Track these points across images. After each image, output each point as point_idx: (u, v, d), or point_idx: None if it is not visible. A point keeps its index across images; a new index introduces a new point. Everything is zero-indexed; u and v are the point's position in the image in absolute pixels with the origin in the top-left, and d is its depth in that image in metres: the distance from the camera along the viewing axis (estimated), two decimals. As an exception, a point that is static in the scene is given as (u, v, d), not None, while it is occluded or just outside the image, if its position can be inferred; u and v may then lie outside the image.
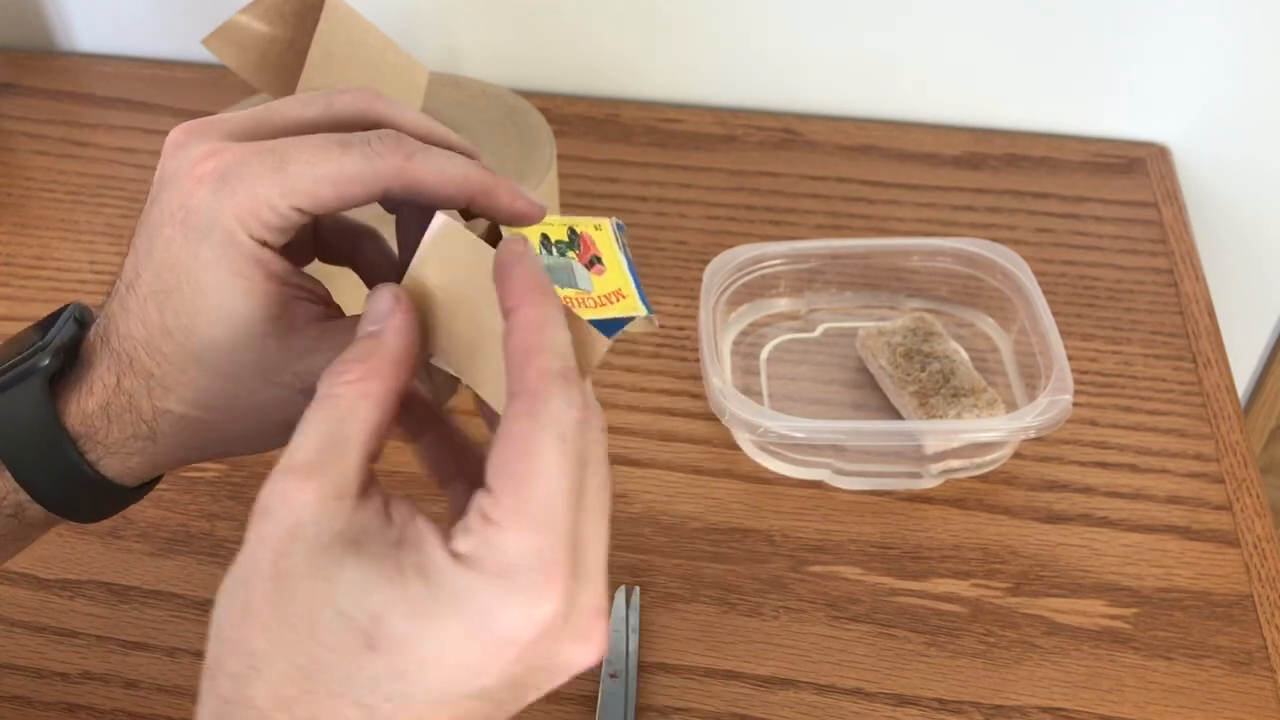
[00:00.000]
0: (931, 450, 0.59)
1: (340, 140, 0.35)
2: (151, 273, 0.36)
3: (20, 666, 0.54)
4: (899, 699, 0.53)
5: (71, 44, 0.97)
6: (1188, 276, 0.74)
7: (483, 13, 0.88)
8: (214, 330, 0.35)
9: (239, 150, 0.35)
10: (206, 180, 0.35)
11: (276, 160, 0.34)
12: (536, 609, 0.29)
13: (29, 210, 0.80)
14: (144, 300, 0.36)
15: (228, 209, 0.34)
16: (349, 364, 0.32)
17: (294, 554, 0.30)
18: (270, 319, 0.36)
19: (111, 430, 0.37)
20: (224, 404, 0.37)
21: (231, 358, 0.36)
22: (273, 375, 0.36)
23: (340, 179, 0.35)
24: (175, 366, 0.36)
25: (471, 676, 0.29)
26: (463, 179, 0.36)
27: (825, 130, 0.86)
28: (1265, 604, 0.56)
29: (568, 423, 0.30)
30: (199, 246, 0.35)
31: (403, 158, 0.35)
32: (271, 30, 0.65)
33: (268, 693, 0.29)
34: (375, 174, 0.35)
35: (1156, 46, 0.81)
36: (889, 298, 0.71)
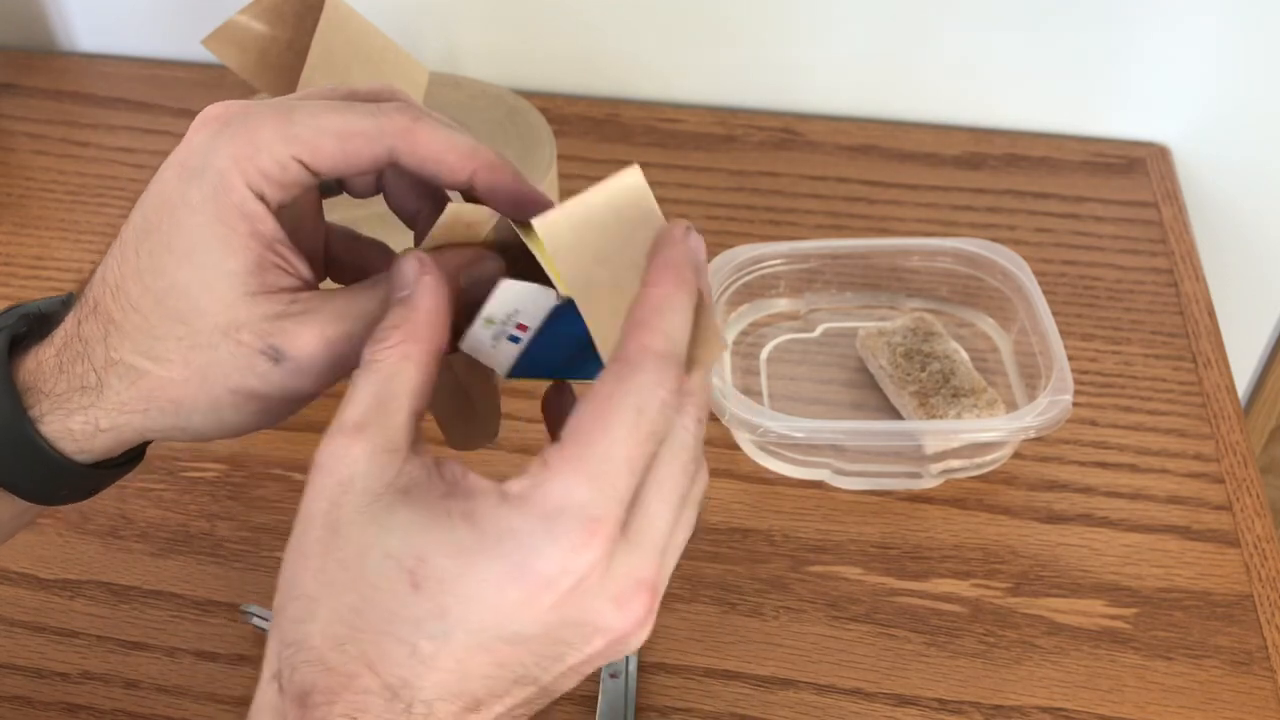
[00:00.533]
0: (931, 450, 0.59)
1: (347, 95, 0.36)
2: (140, 214, 0.36)
3: (20, 666, 0.54)
4: (899, 699, 0.53)
5: (71, 44, 0.97)
6: (1188, 276, 0.74)
7: (483, 13, 0.88)
8: (183, 271, 0.35)
9: (248, 102, 0.36)
10: (211, 123, 0.35)
11: (283, 109, 0.35)
12: (575, 556, 0.30)
13: (29, 210, 0.80)
14: (125, 243, 0.36)
15: (225, 150, 0.35)
16: (387, 330, 0.33)
17: (345, 504, 0.31)
18: (243, 274, 0.35)
19: (60, 380, 0.37)
20: (178, 358, 0.36)
21: (194, 304, 0.35)
22: (233, 331, 0.35)
23: (345, 131, 0.35)
24: (137, 311, 0.36)
25: (508, 618, 0.30)
26: (470, 149, 0.36)
27: (825, 130, 0.86)
28: (1265, 604, 0.56)
29: (650, 398, 0.31)
30: (189, 186, 0.35)
31: (409, 119, 0.35)
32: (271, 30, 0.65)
33: (322, 632, 0.31)
34: (380, 130, 0.35)
35: (1156, 46, 0.81)
36: (889, 298, 0.71)
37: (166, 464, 0.62)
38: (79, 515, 0.60)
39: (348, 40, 0.64)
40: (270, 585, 0.58)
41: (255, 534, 0.59)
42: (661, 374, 0.31)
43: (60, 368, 0.37)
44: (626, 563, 0.31)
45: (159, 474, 0.62)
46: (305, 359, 0.35)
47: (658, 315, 0.32)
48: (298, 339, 0.35)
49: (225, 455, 0.63)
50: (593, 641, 0.32)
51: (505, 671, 0.31)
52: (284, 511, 0.60)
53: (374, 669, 0.30)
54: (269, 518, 0.60)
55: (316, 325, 0.35)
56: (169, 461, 0.63)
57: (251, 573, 0.57)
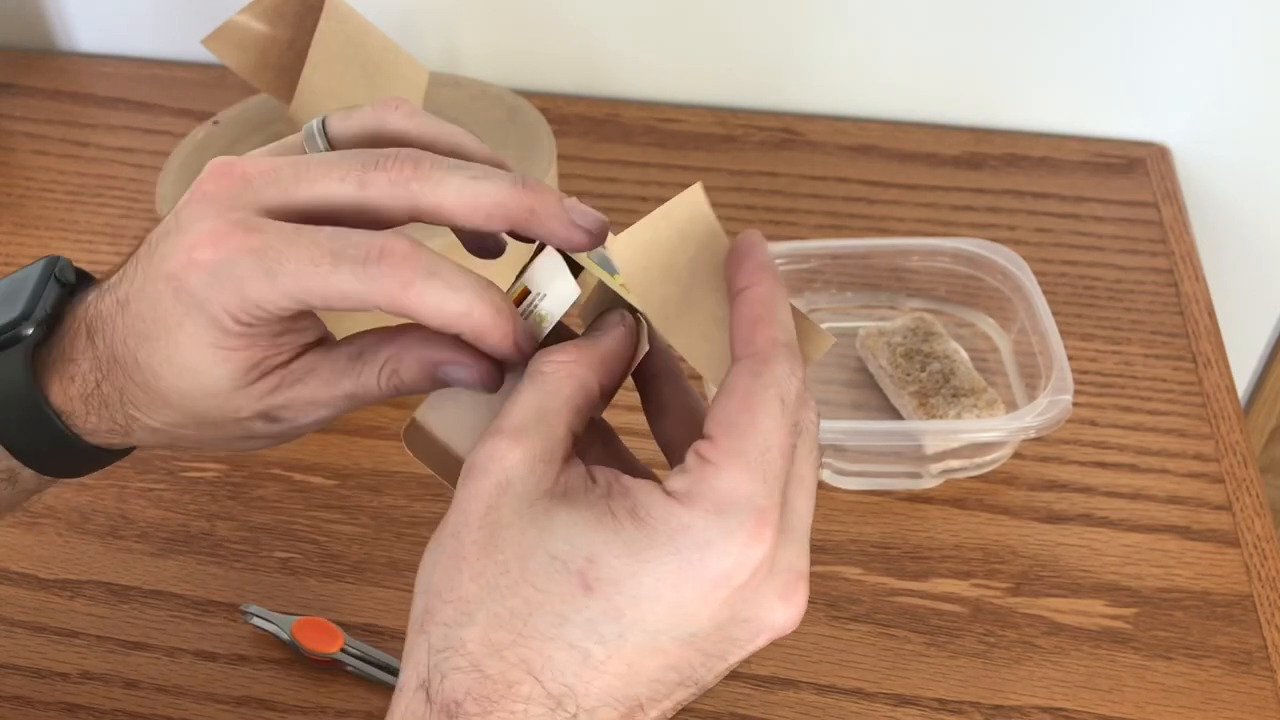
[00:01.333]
0: (931, 450, 0.59)
1: (335, 253, 0.33)
2: (136, 312, 0.36)
3: (20, 666, 0.54)
4: (899, 699, 0.53)
5: (71, 44, 0.97)
6: (1188, 276, 0.74)
7: (483, 13, 0.88)
8: (182, 383, 0.36)
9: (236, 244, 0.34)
10: (201, 270, 0.34)
11: (265, 268, 0.33)
12: (750, 550, 0.30)
13: (29, 210, 0.80)
14: (128, 328, 0.37)
15: (216, 302, 0.34)
16: (565, 348, 0.34)
17: (503, 506, 0.31)
18: (239, 376, 0.36)
19: (89, 419, 0.38)
20: (192, 426, 0.38)
21: (196, 403, 0.37)
22: (235, 414, 0.37)
23: (327, 296, 0.34)
24: (145, 395, 0.37)
25: (684, 617, 0.30)
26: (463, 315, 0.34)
27: (825, 130, 0.86)
28: (1265, 604, 0.56)
29: (789, 388, 0.31)
30: (184, 318, 0.35)
31: (398, 287, 0.33)
32: (271, 30, 0.65)
33: (480, 637, 0.30)
34: (364, 299, 0.34)
35: (1156, 46, 0.81)
36: (889, 298, 0.71)
37: (166, 464, 0.62)
38: (79, 515, 0.60)
39: (348, 40, 0.64)
40: (270, 584, 0.59)
41: (255, 534, 0.59)
42: (792, 364, 0.32)
43: (88, 412, 0.38)
44: (786, 555, 0.31)
45: (159, 474, 0.62)
46: (298, 420, 0.38)
47: (771, 310, 0.33)
48: (289, 408, 0.37)
49: (225, 455, 0.63)
50: (757, 639, 0.32)
51: (673, 674, 0.31)
52: (284, 511, 0.60)
53: (537, 676, 0.30)
54: (269, 518, 0.60)
55: (305, 394, 0.37)
56: (169, 461, 0.63)
57: (251, 573, 0.57)
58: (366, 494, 0.61)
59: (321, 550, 0.58)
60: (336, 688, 0.53)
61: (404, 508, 0.60)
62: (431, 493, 0.61)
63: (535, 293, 0.37)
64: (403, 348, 0.37)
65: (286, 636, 0.53)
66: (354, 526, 0.59)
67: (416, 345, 0.36)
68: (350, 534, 0.59)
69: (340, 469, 0.62)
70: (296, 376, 0.37)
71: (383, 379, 0.37)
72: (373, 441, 0.63)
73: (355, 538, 0.59)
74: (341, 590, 0.57)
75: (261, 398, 0.37)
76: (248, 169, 0.35)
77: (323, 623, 0.53)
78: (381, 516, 0.60)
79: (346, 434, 0.64)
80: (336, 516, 0.60)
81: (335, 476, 0.62)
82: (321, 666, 0.53)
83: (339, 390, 0.37)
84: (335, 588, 0.57)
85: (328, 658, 0.52)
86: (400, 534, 0.59)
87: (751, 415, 0.31)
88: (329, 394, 0.37)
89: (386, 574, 0.57)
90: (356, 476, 0.62)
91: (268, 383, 0.37)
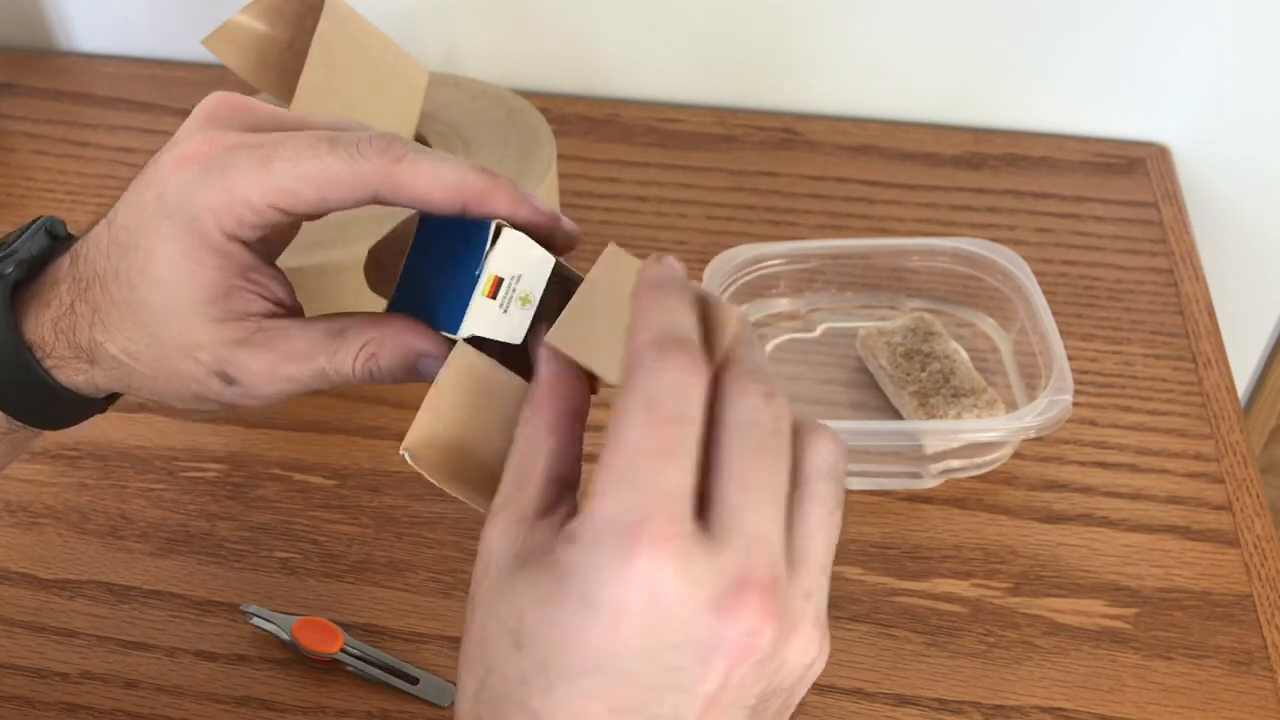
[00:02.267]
0: (931, 450, 0.59)
1: (329, 139, 0.35)
2: (121, 222, 0.37)
3: (20, 666, 0.54)
4: (899, 699, 0.53)
5: (71, 44, 0.97)
6: (1188, 276, 0.74)
7: (483, 13, 0.88)
8: (151, 294, 0.37)
9: (231, 142, 0.35)
10: (191, 165, 0.36)
11: (261, 156, 0.35)
12: (627, 569, 0.28)
13: (29, 210, 0.80)
14: (111, 241, 0.37)
15: (201, 198, 0.35)
16: (524, 409, 0.34)
17: (484, 581, 0.32)
18: (206, 302, 0.37)
19: (58, 345, 0.39)
20: (147, 358, 0.38)
21: (161, 323, 0.37)
22: (193, 350, 0.37)
23: (323, 180, 0.35)
24: (116, 310, 0.38)
25: (601, 656, 0.28)
26: (455, 184, 0.35)
27: (825, 130, 0.86)
28: (1265, 604, 0.56)
29: (656, 385, 0.29)
30: (162, 221, 0.36)
31: (390, 160, 0.35)
32: (271, 30, 0.65)
33: (468, 711, 0.31)
34: (360, 177, 0.35)
35: (1156, 46, 0.81)
36: (889, 298, 0.71)
37: (166, 464, 0.62)
38: (79, 515, 0.60)
39: (348, 40, 0.64)
40: (270, 584, 0.59)
41: (255, 534, 0.59)
42: (660, 358, 0.29)
43: (57, 335, 0.39)
44: (712, 563, 0.28)
45: (159, 474, 0.62)
46: (254, 387, 0.38)
47: (643, 318, 0.31)
48: (248, 369, 0.37)
49: (225, 455, 0.63)
50: (712, 662, 0.28)
51: (627, 716, 0.29)
52: (283, 511, 0.60)
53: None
54: (269, 518, 0.60)
55: (269, 360, 0.37)
56: (169, 461, 0.63)
57: (251, 573, 0.57)
58: (366, 494, 0.61)
59: (321, 550, 0.58)
60: (336, 688, 0.53)
61: (404, 508, 0.60)
62: (432, 492, 0.61)
63: (509, 276, 0.36)
64: (387, 334, 0.37)
65: (286, 636, 0.53)
66: (354, 526, 0.59)
67: (402, 333, 0.37)
68: (350, 534, 0.59)
69: (340, 469, 0.62)
70: (267, 337, 0.37)
71: (359, 361, 0.37)
72: (373, 441, 0.63)
73: (355, 538, 0.59)
74: (341, 590, 0.57)
75: (225, 343, 0.37)
76: (252, 103, 0.37)
77: (323, 623, 0.53)
78: (381, 516, 0.60)
79: (346, 434, 0.64)
80: (336, 516, 0.60)
81: (335, 476, 0.62)
82: (321, 666, 0.53)
83: (310, 365, 0.37)
84: (335, 588, 0.57)
85: (328, 658, 0.52)
86: (400, 534, 0.59)
87: (616, 428, 0.29)
88: (298, 367, 0.37)
89: (386, 574, 0.57)
90: (356, 476, 0.62)
91: (236, 329, 0.37)
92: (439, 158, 0.35)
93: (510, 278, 0.36)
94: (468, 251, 0.36)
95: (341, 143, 0.35)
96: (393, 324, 0.38)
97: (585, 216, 0.78)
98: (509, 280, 0.36)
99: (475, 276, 0.35)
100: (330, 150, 0.35)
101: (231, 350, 0.37)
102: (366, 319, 0.38)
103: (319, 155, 0.35)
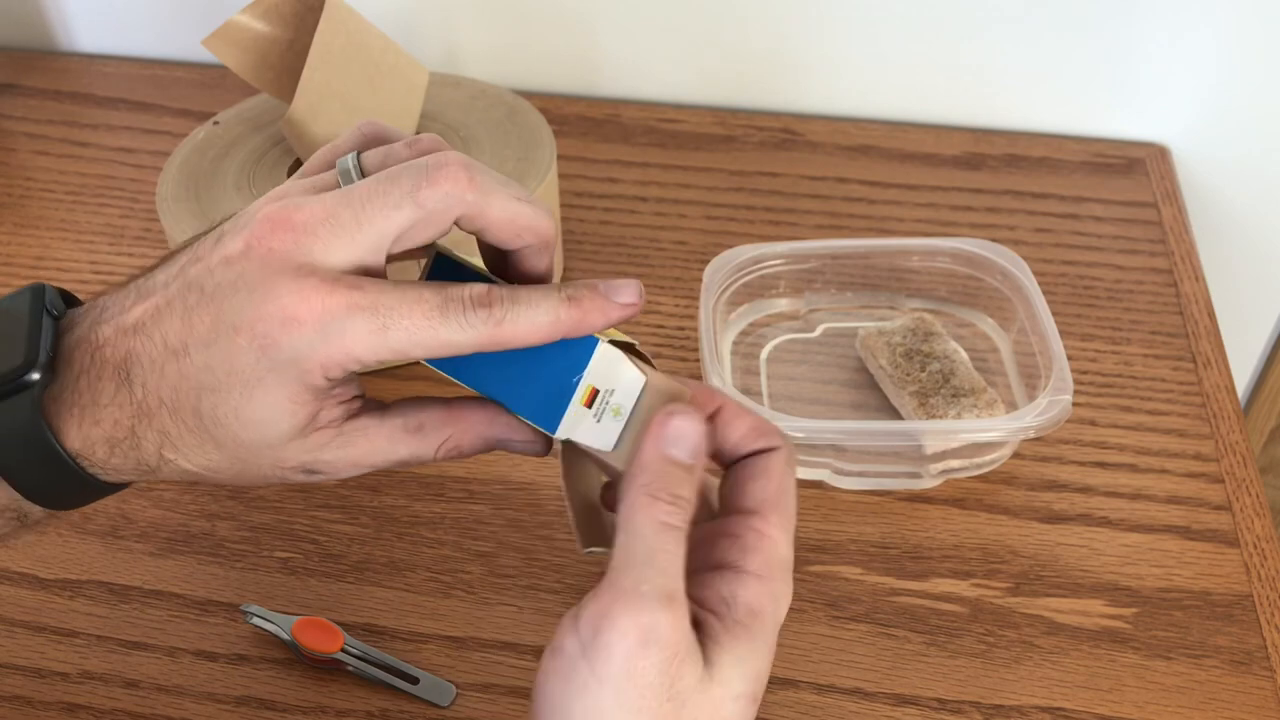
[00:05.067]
0: (931, 450, 0.59)
1: (440, 307, 0.36)
2: (204, 362, 0.36)
3: (20, 666, 0.54)
4: (899, 699, 0.53)
5: (71, 44, 0.97)
6: (1187, 276, 0.74)
7: (483, 13, 0.88)
8: (245, 434, 0.37)
9: (343, 303, 0.35)
10: (304, 327, 0.35)
11: (380, 324, 0.35)
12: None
13: (29, 210, 0.80)
14: (185, 377, 0.37)
15: (317, 358, 0.36)
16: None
17: None
18: (301, 429, 0.38)
19: (112, 460, 0.38)
20: (229, 472, 0.39)
21: (249, 453, 0.38)
22: (281, 464, 0.39)
23: (433, 347, 0.36)
24: (195, 439, 0.38)
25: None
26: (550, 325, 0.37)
27: (825, 130, 0.86)
28: (1265, 604, 0.56)
29: None
30: (269, 373, 0.36)
31: (493, 326, 0.36)
32: (271, 30, 0.65)
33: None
34: (467, 343, 0.36)
35: (1156, 46, 0.81)
36: (889, 298, 0.71)
37: (166, 464, 0.62)
38: (79, 515, 0.60)
39: (348, 40, 0.64)
40: (270, 584, 0.59)
41: (255, 534, 0.59)
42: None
43: (111, 455, 0.38)
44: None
45: (159, 474, 0.62)
46: (337, 475, 0.40)
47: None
48: (332, 465, 0.39)
49: (225, 455, 0.63)
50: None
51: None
52: (283, 511, 0.60)
53: None
54: (269, 517, 0.60)
55: (352, 457, 0.39)
56: (169, 461, 0.63)
57: (251, 573, 0.57)
58: (366, 494, 0.61)
59: (322, 550, 0.58)
60: (337, 688, 0.53)
61: (404, 508, 0.60)
62: (432, 492, 0.61)
63: (603, 390, 0.38)
64: (465, 429, 0.40)
65: (287, 636, 0.53)
66: (354, 526, 0.60)
67: (479, 427, 0.40)
68: (350, 534, 0.59)
69: (340, 469, 0.62)
70: (349, 438, 0.39)
71: (440, 451, 0.40)
72: (373, 441, 0.63)
73: (355, 538, 0.59)
74: (342, 590, 0.57)
75: (310, 451, 0.38)
76: (305, 219, 0.36)
77: (323, 622, 0.53)
78: (381, 516, 0.60)
79: (346, 434, 0.64)
80: (336, 516, 0.60)
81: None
82: (322, 666, 0.53)
83: (391, 457, 0.40)
84: (335, 588, 0.57)
85: (328, 657, 0.52)
86: (400, 534, 0.59)
87: None
88: (379, 459, 0.40)
89: (387, 574, 0.57)
90: (357, 476, 0.62)
91: (320, 438, 0.38)
92: (530, 304, 0.37)
93: (605, 390, 0.38)
94: (564, 353, 0.38)
95: (451, 311, 0.36)
96: (468, 418, 0.40)
97: (585, 216, 0.78)
98: (604, 393, 0.38)
99: (573, 384, 0.38)
100: (443, 320, 0.36)
101: (316, 455, 0.39)
102: (441, 413, 0.40)
103: (432, 324, 0.36)
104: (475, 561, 0.58)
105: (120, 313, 0.38)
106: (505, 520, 0.60)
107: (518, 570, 0.57)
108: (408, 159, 0.38)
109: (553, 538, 0.59)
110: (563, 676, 0.34)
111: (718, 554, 0.36)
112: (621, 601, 0.33)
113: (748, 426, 0.38)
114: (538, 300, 0.37)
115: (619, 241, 0.77)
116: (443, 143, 0.39)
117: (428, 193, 0.36)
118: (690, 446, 0.36)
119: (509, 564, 0.58)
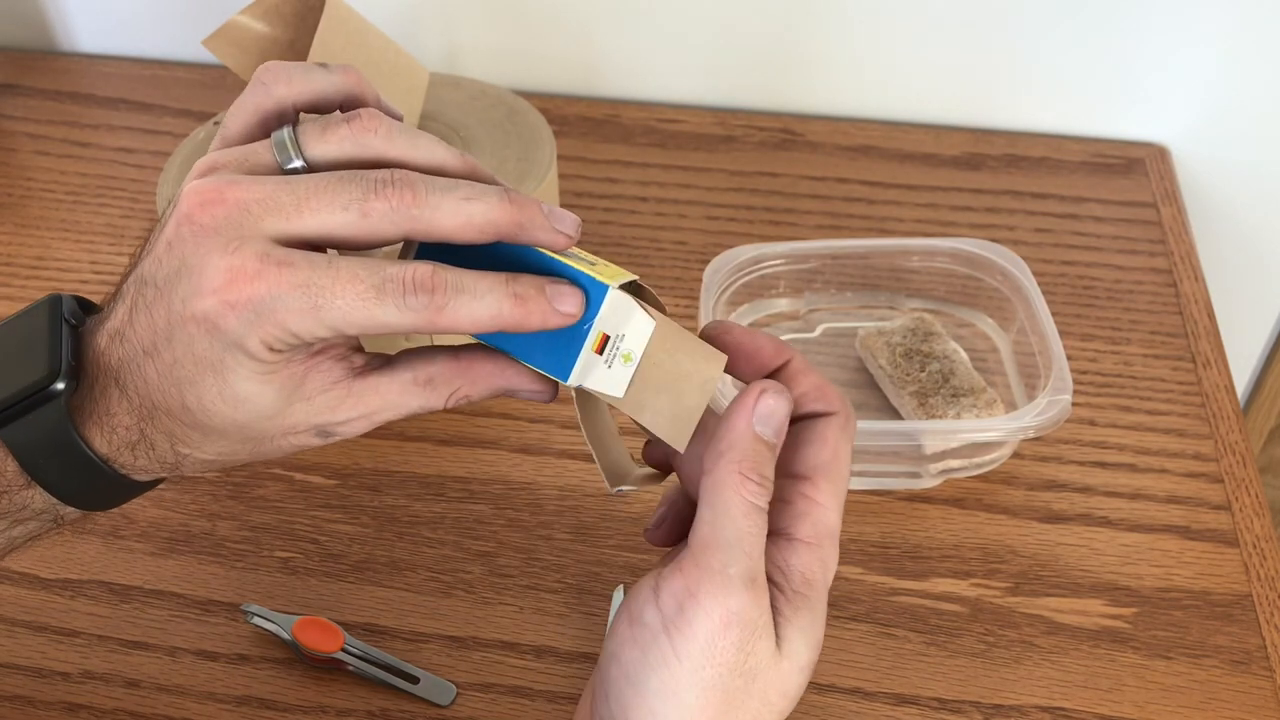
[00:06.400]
0: (931, 450, 0.59)
1: (377, 288, 0.35)
2: (172, 357, 0.36)
3: (21, 666, 0.54)
4: (898, 698, 0.53)
5: (71, 44, 0.97)
6: (1187, 276, 0.74)
7: (483, 13, 0.88)
8: (238, 414, 0.37)
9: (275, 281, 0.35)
10: (239, 307, 0.35)
11: (311, 301, 0.35)
12: None
13: (29, 210, 0.80)
14: (163, 376, 0.37)
15: (255, 336, 0.35)
16: None
17: None
18: (291, 394, 0.38)
19: (138, 462, 0.39)
20: (244, 452, 0.39)
21: (253, 429, 0.38)
22: (291, 431, 0.39)
23: (369, 325, 0.35)
24: (198, 433, 0.38)
25: None
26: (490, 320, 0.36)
27: (825, 130, 0.86)
28: (1264, 604, 0.56)
29: None
30: (225, 354, 0.36)
31: (433, 312, 0.36)
32: (271, 30, 0.65)
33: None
34: (405, 326, 0.36)
35: (1156, 47, 0.81)
36: (889, 298, 0.71)
37: (167, 464, 0.62)
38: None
39: (348, 40, 0.64)
40: (270, 584, 0.59)
41: (255, 533, 0.59)
42: None
43: (135, 458, 0.39)
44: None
45: (159, 474, 0.62)
46: (347, 435, 0.39)
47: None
48: (344, 425, 0.39)
49: (226, 455, 0.63)
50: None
51: None
52: (284, 511, 0.60)
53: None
54: (269, 517, 0.60)
55: (363, 412, 0.39)
56: (169, 461, 0.63)
57: (252, 572, 0.57)
58: (366, 494, 0.61)
59: (322, 550, 0.58)
60: (337, 687, 0.53)
61: (404, 508, 0.60)
62: (432, 492, 0.61)
63: (614, 336, 0.37)
64: (474, 378, 0.39)
65: (287, 636, 0.53)
66: (354, 526, 0.60)
67: (489, 377, 0.39)
68: (350, 534, 0.59)
69: (340, 469, 0.62)
70: (360, 396, 0.39)
71: (450, 401, 0.40)
72: (373, 441, 0.63)
73: (355, 537, 0.59)
74: (342, 590, 0.57)
75: (321, 413, 0.38)
76: (241, 196, 0.35)
77: (323, 622, 0.53)
78: (381, 516, 0.60)
79: (347, 434, 0.64)
80: (337, 516, 0.60)
81: (335, 476, 0.62)
82: (322, 666, 0.53)
83: (402, 410, 0.39)
84: (336, 587, 0.57)
85: (328, 657, 0.53)
86: (400, 534, 0.59)
87: None
88: (391, 413, 0.39)
89: (387, 574, 0.57)
90: (357, 476, 0.62)
91: (327, 399, 0.38)
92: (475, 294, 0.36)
93: (615, 336, 0.37)
94: None
95: (389, 292, 0.35)
96: (477, 368, 0.39)
97: (585, 216, 0.78)
98: (614, 339, 0.37)
99: (584, 331, 0.37)
100: (378, 301, 0.35)
101: (326, 416, 0.38)
102: (450, 364, 0.39)
103: (367, 305, 0.35)
104: (475, 561, 0.58)
105: (109, 317, 0.38)
106: (505, 520, 0.60)
107: (518, 570, 0.57)
108: (350, 140, 0.37)
109: (553, 538, 0.59)
110: (641, 647, 0.35)
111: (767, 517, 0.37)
112: (709, 582, 0.34)
113: (810, 385, 0.39)
114: (483, 292, 0.36)
115: (619, 241, 0.77)
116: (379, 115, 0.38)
117: (375, 204, 0.35)
118: (777, 425, 0.36)
119: (509, 564, 0.58)
